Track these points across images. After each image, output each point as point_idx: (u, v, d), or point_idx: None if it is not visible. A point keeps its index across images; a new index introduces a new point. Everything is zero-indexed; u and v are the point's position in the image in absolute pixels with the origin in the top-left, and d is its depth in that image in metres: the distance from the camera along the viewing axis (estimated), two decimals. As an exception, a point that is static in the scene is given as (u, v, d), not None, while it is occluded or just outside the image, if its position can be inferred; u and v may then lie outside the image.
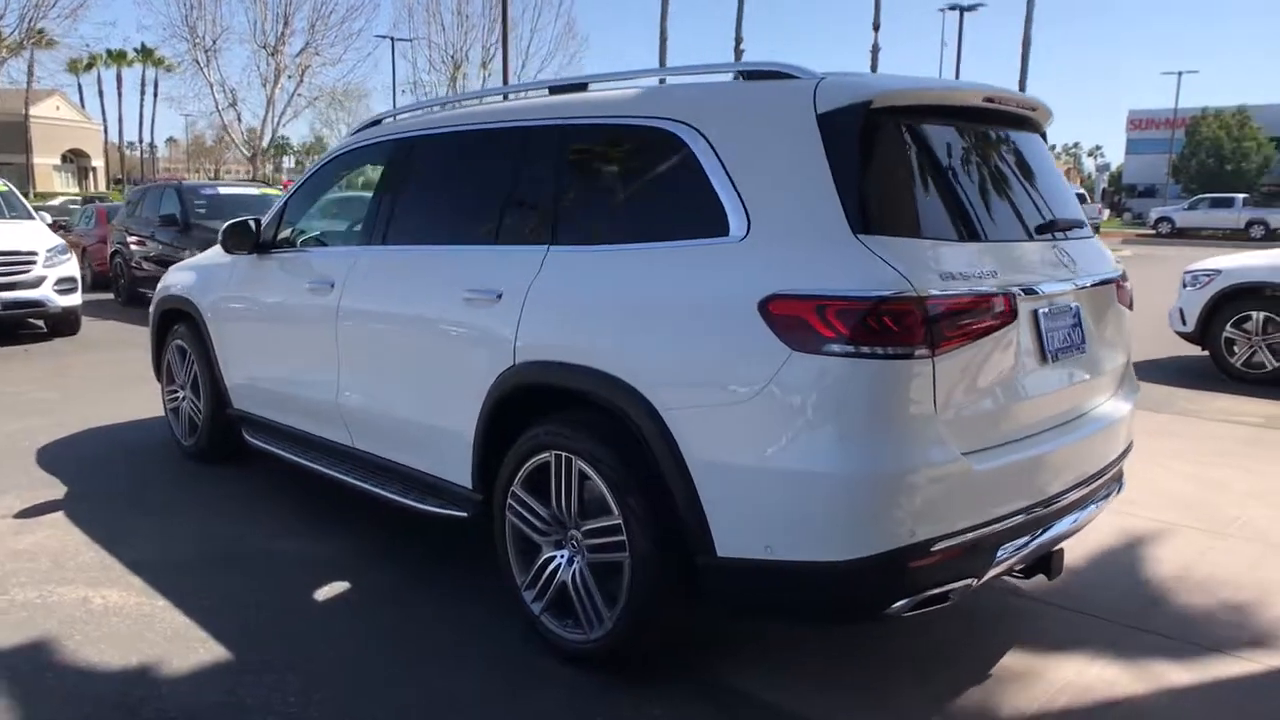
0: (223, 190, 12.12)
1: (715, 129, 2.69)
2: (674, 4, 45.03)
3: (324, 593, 3.48)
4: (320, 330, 3.93)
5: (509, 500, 3.05)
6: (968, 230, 2.62)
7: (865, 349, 2.28)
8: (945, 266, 2.42)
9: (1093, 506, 2.96)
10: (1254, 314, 7.52)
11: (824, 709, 2.68)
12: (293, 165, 79.06)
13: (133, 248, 12.32)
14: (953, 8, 37.19)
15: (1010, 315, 2.52)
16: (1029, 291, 2.62)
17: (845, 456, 2.31)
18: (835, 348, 2.30)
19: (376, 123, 4.17)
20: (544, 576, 2.97)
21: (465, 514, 3.34)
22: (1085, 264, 2.98)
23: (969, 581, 2.48)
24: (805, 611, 2.58)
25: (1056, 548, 2.83)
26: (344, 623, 3.23)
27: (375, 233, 3.79)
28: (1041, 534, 2.68)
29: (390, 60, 48.32)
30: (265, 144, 37.87)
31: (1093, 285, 2.97)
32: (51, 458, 5.16)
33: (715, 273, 2.56)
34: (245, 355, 4.54)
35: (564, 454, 2.84)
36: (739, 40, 44.91)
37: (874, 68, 40.43)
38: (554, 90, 3.41)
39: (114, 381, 7.27)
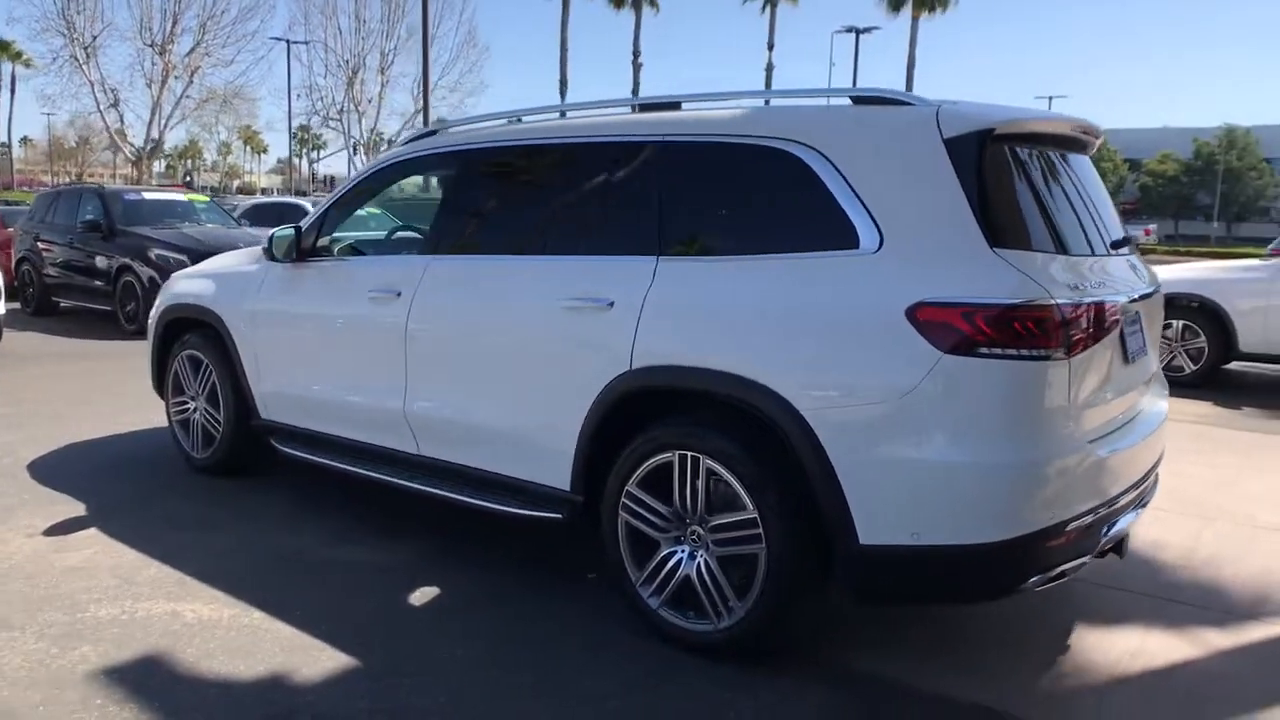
0: (148, 195, 11.60)
1: (838, 150, 2.91)
2: (574, 16, 45.35)
3: (417, 597, 3.51)
4: (385, 339, 3.94)
5: (624, 500, 3.17)
6: (1070, 245, 2.92)
7: (1013, 351, 2.54)
8: (1067, 278, 2.71)
9: (1151, 493, 3.31)
10: (1174, 322, 8.29)
11: (929, 678, 2.92)
12: (163, 169, 75.21)
13: (44, 255, 11.66)
14: (848, 30, 38.83)
15: (1116, 321, 2.83)
16: (1121, 300, 2.95)
17: (999, 447, 2.56)
18: (984, 350, 2.54)
19: (433, 133, 4.22)
20: (663, 572, 3.10)
21: (559, 515, 3.44)
22: (1141, 275, 3.35)
23: (1085, 559, 2.77)
24: (945, 591, 2.82)
25: (1127, 531, 3.16)
26: (453, 624, 3.28)
27: (447, 242, 3.85)
28: (1127, 515, 3.00)
29: (285, 63, 46.78)
30: (150, 147, 36.01)
31: (1148, 295, 3.33)
32: (47, 473, 4.93)
33: (852, 282, 2.77)
34: (282, 365, 4.48)
35: (690, 453, 2.99)
36: (637, 54, 45.51)
37: (768, 84, 41.71)
38: (644, 108, 3.57)
39: (69, 396, 6.93)
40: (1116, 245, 3.32)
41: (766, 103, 3.37)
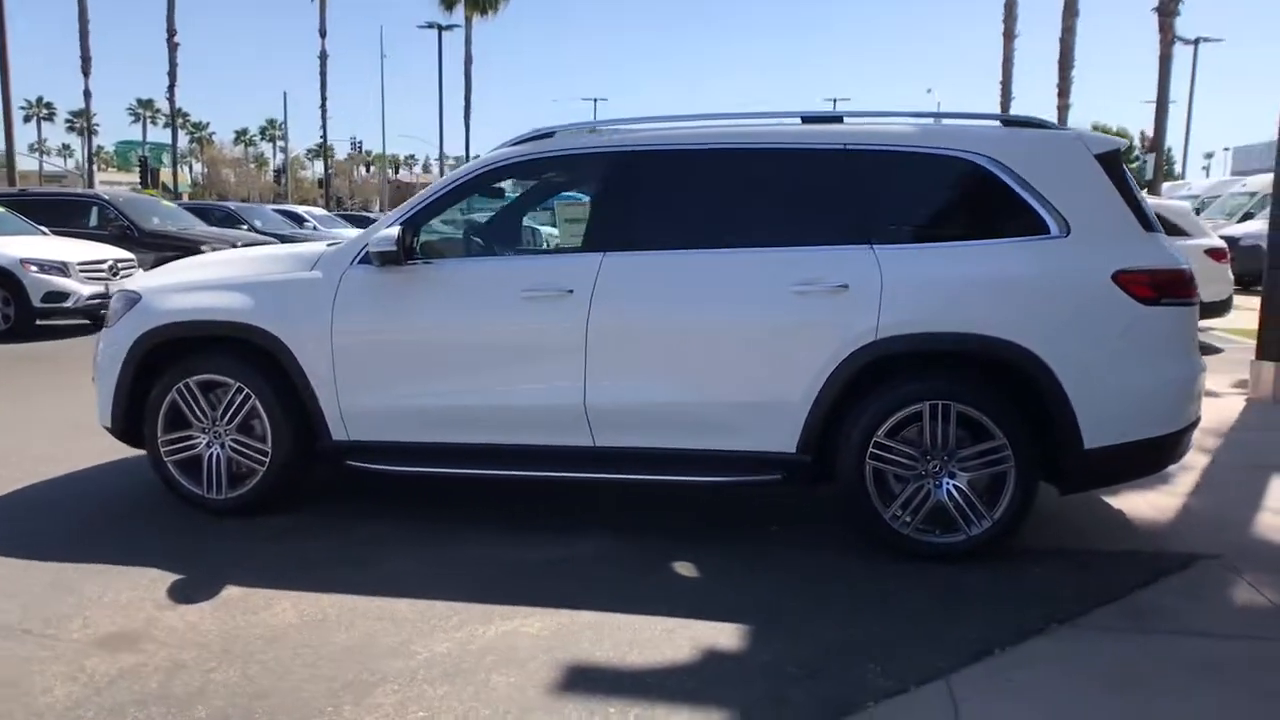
0: None
1: (1016, 161, 3.84)
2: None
3: (685, 569, 3.76)
4: (555, 337, 3.99)
5: (871, 449, 3.80)
6: (1155, 226, 4.14)
7: (1177, 300, 3.74)
8: (1174, 249, 3.97)
9: None
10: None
11: (1117, 543, 4.05)
12: None
13: None
14: (429, 25, 39.22)
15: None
16: None
17: (1176, 367, 3.75)
18: (1164, 300, 3.71)
19: (549, 134, 4.26)
20: (914, 501, 3.81)
21: (778, 476, 3.95)
22: None
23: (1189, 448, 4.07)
24: (1136, 471, 3.95)
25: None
26: (730, 579, 3.62)
27: (624, 238, 4.02)
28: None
29: None
30: None
31: None
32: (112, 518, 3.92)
33: (1060, 258, 3.75)
34: (389, 377, 4.14)
35: (941, 401, 3.75)
36: (172, 34, 40.78)
37: (322, 71, 40.22)
38: (806, 120, 4.14)
39: None
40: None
41: (937, 121, 4.18)
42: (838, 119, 4.16)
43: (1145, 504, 4.54)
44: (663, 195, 4.12)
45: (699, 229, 4.14)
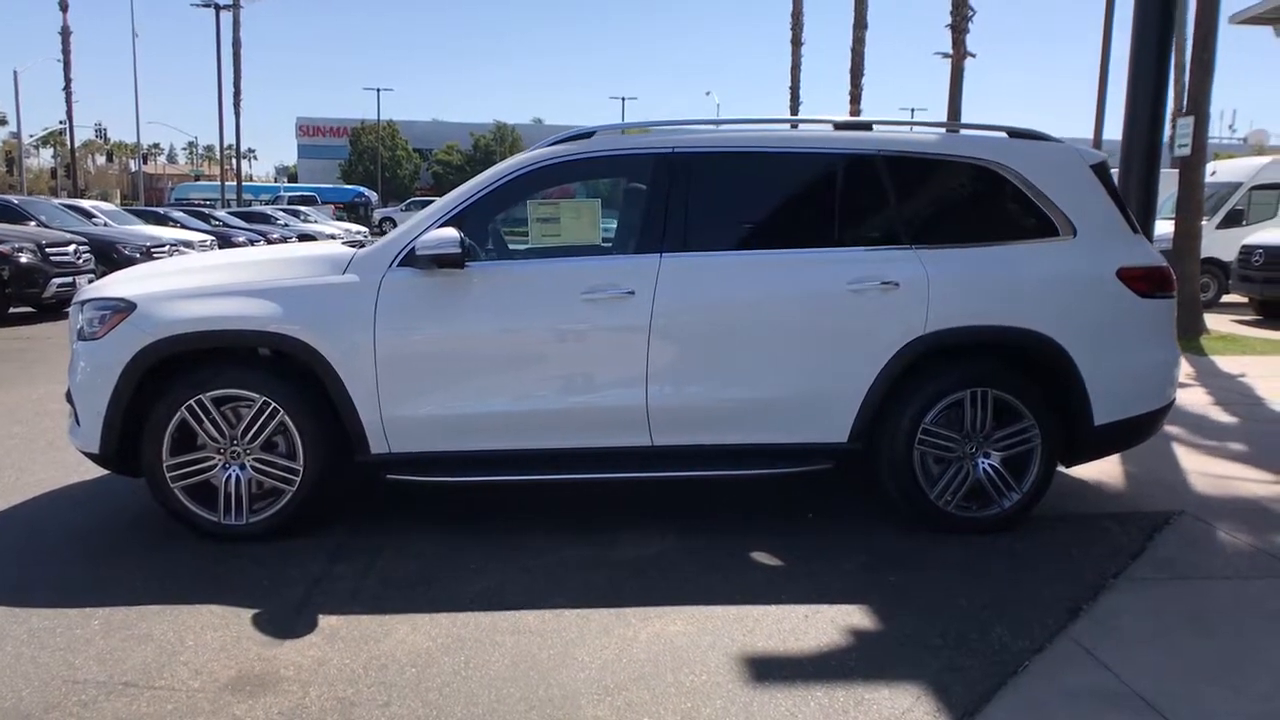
0: None
1: (1029, 169, 4.28)
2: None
3: (766, 559, 3.88)
4: (617, 338, 4.00)
5: (920, 436, 4.11)
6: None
7: (1165, 295, 4.32)
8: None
9: None
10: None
11: (1110, 506, 4.61)
12: None
13: None
14: (206, 4, 36.15)
15: None
16: None
17: (1168, 351, 4.34)
18: (1157, 294, 4.27)
19: (589, 135, 4.21)
20: (954, 481, 4.16)
21: (829, 465, 4.18)
22: None
23: None
24: (1131, 443, 4.48)
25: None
26: (841, 575, 3.80)
27: (679, 239, 4.07)
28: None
29: None
30: None
31: None
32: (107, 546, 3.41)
33: (1073, 258, 4.22)
34: (438, 385, 3.94)
35: (980, 389, 4.12)
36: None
37: (65, 49, 36.30)
38: (839, 126, 4.37)
39: None
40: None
41: (952, 131, 4.52)
42: (867, 126, 4.43)
43: (1098, 472, 5.17)
44: (716, 197, 4.21)
45: (751, 230, 4.28)
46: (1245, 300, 13.49)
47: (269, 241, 20.84)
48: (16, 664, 2.90)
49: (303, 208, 29.83)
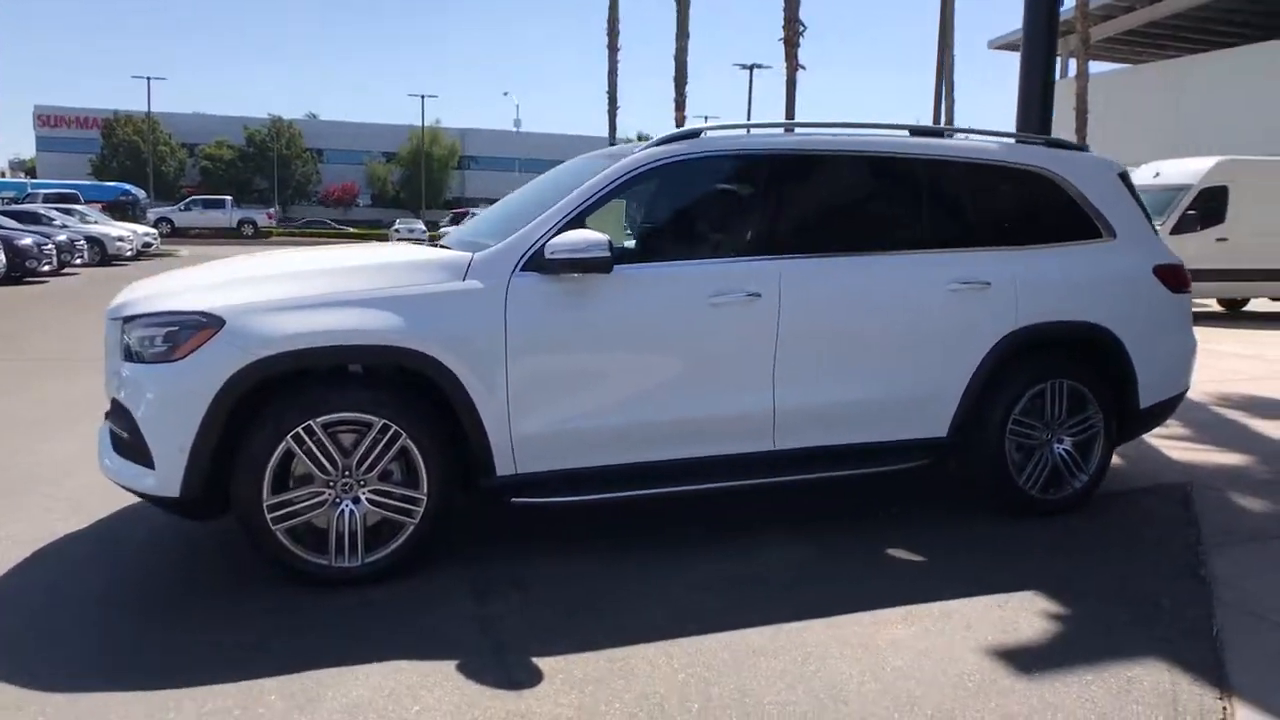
0: None
1: (1072, 176, 4.62)
2: None
3: (905, 554, 3.94)
4: (746, 341, 3.93)
5: (1010, 426, 4.33)
6: None
7: (1186, 290, 4.79)
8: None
9: None
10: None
11: (1122, 484, 5.03)
12: None
13: None
14: None
15: None
16: None
17: (1190, 340, 4.81)
18: (1182, 289, 4.74)
19: (694, 134, 4.07)
20: (1038, 467, 4.42)
21: (928, 461, 4.33)
22: None
23: None
24: (1158, 424, 4.90)
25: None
26: (984, 566, 3.92)
27: (794, 242, 4.05)
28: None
29: None
30: None
31: None
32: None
33: (1120, 257, 4.59)
34: (575, 396, 3.69)
35: (1058, 380, 4.40)
36: None
37: None
38: (914, 133, 4.50)
39: None
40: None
41: (1009, 140, 4.75)
42: (939, 133, 4.60)
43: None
44: (823, 198, 4.22)
45: (857, 232, 4.32)
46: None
47: (59, 244, 18.36)
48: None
49: (78, 207, 26.51)
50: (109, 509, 4.30)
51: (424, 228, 41.16)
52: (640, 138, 61.89)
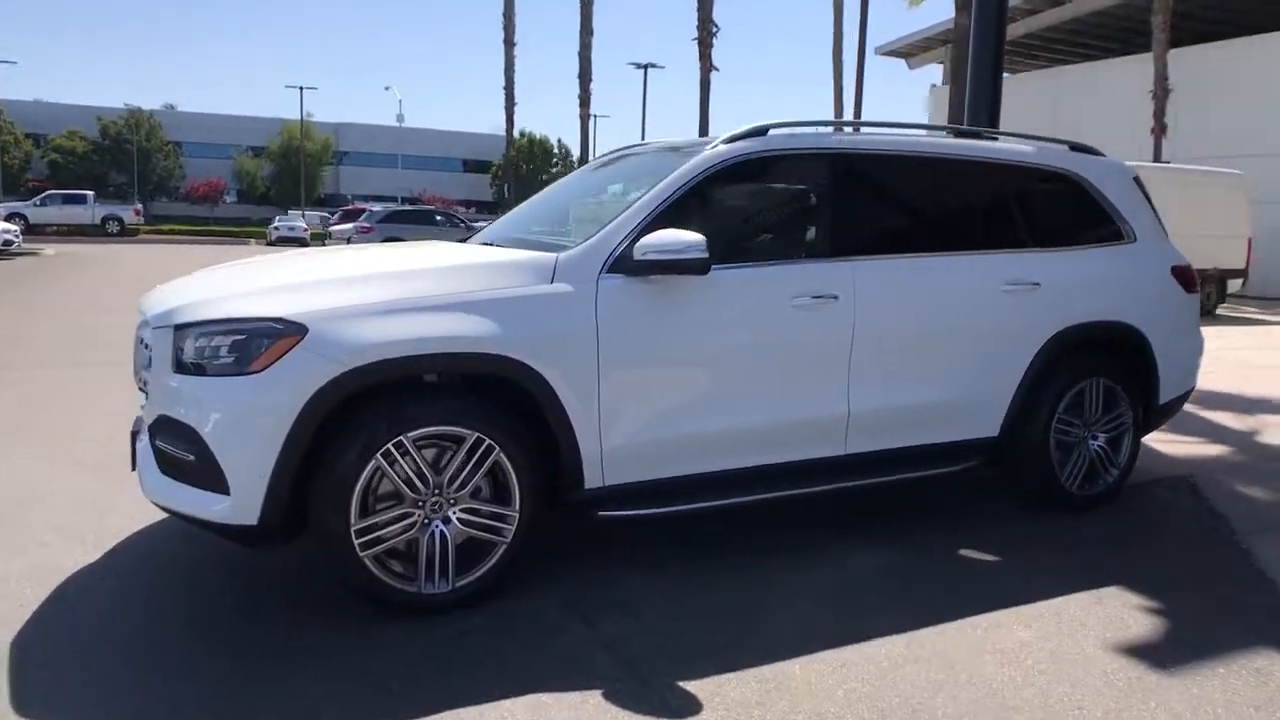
0: None
1: (1097, 180, 4.77)
2: None
3: (975, 555, 3.95)
4: (826, 344, 3.87)
5: (1055, 424, 4.43)
6: None
7: (1196, 290, 5.02)
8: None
9: None
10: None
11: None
12: None
13: None
14: None
15: None
16: None
17: (1199, 339, 5.04)
18: (1193, 289, 4.96)
19: (762, 132, 3.96)
20: (1078, 463, 4.53)
21: (980, 460, 4.38)
22: None
23: None
24: (1168, 417, 5.10)
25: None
26: (1046, 564, 3.98)
27: (864, 242, 4.01)
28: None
29: None
30: None
31: None
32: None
33: (1143, 258, 4.77)
34: (665, 403, 3.53)
35: (1096, 378, 4.53)
36: None
37: None
38: (957, 134, 4.53)
39: None
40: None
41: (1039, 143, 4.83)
42: (977, 134, 4.65)
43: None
44: (888, 199, 4.20)
45: (920, 233, 4.32)
46: None
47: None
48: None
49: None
50: (112, 538, 3.86)
51: (305, 225, 39.43)
52: (524, 136, 60.97)
